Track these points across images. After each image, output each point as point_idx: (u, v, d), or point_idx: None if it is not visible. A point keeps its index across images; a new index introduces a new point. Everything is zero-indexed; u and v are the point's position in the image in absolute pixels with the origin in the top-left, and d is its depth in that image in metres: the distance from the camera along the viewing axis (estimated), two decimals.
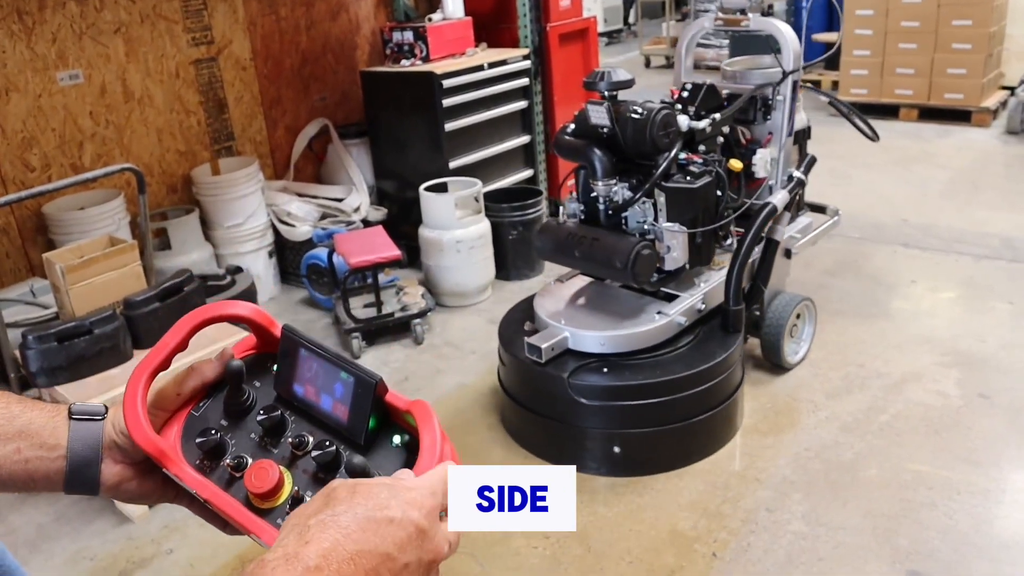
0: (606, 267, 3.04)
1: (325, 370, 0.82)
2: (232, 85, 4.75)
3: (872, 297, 4.29)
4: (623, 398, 2.96)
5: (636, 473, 3.01)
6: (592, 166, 3.02)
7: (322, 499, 0.68)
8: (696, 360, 3.03)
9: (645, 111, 2.91)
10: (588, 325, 3.06)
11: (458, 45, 4.91)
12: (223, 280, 4.07)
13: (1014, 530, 2.66)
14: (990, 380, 3.46)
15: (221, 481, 0.80)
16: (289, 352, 0.85)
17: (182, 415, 0.86)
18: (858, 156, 6.59)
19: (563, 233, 3.14)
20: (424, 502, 0.69)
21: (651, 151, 2.95)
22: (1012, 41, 7.80)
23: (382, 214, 4.91)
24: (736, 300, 3.19)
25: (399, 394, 0.82)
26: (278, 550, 0.63)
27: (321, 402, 0.83)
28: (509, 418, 3.34)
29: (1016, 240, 4.86)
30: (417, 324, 4.09)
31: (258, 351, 0.91)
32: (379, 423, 0.82)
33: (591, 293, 3.33)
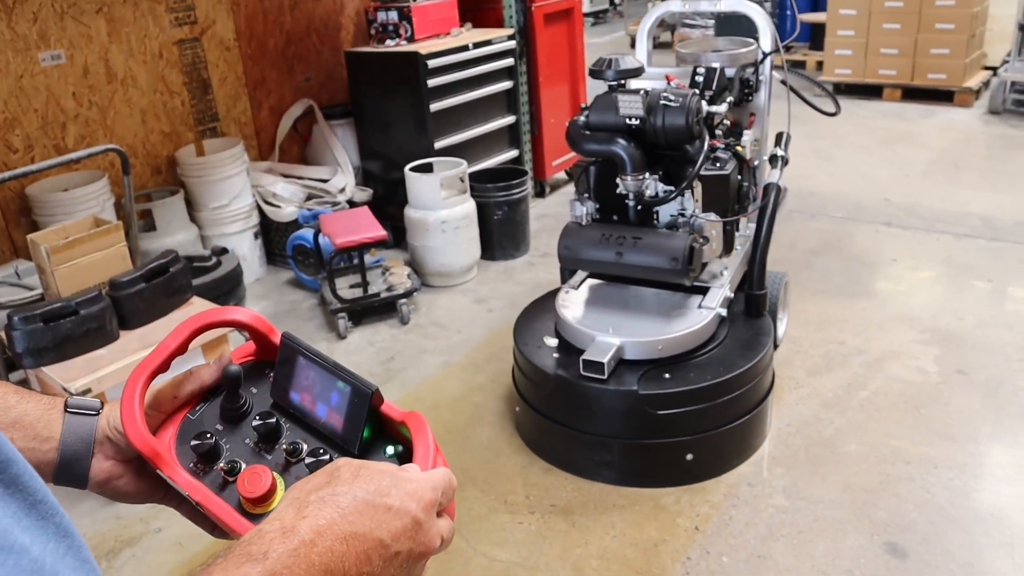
0: (655, 267, 2.83)
1: (322, 379, 0.83)
2: (216, 66, 4.73)
3: (854, 276, 4.34)
4: (696, 402, 2.77)
5: (703, 478, 2.86)
6: (621, 160, 2.80)
7: (325, 476, 0.70)
8: (744, 352, 2.93)
9: (679, 98, 2.74)
10: (639, 331, 2.86)
11: (443, 25, 4.90)
12: (209, 261, 4.08)
13: (989, 503, 2.71)
14: (968, 357, 3.52)
15: (214, 485, 0.81)
16: (287, 359, 0.86)
17: (178, 418, 0.87)
18: (842, 136, 6.64)
19: (595, 235, 2.91)
20: (424, 495, 0.70)
21: (686, 140, 2.80)
22: (995, 21, 7.84)
23: (367, 195, 4.91)
24: (761, 284, 3.16)
25: (394, 405, 0.83)
26: (275, 522, 0.65)
27: (317, 410, 0.84)
28: (540, 439, 3.08)
29: (996, 219, 4.92)
30: (403, 304, 4.11)
31: (256, 358, 0.92)
32: (373, 433, 0.83)
33: (615, 296, 3.15)
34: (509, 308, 4.23)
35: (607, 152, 2.84)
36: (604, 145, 2.83)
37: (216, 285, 3.94)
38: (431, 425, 0.81)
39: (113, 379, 2.96)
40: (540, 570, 2.56)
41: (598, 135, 2.85)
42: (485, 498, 2.87)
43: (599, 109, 2.86)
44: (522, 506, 2.82)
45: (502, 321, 4.10)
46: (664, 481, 2.85)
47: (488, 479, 2.97)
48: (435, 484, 0.73)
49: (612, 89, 2.87)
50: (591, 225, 2.98)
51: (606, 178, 2.98)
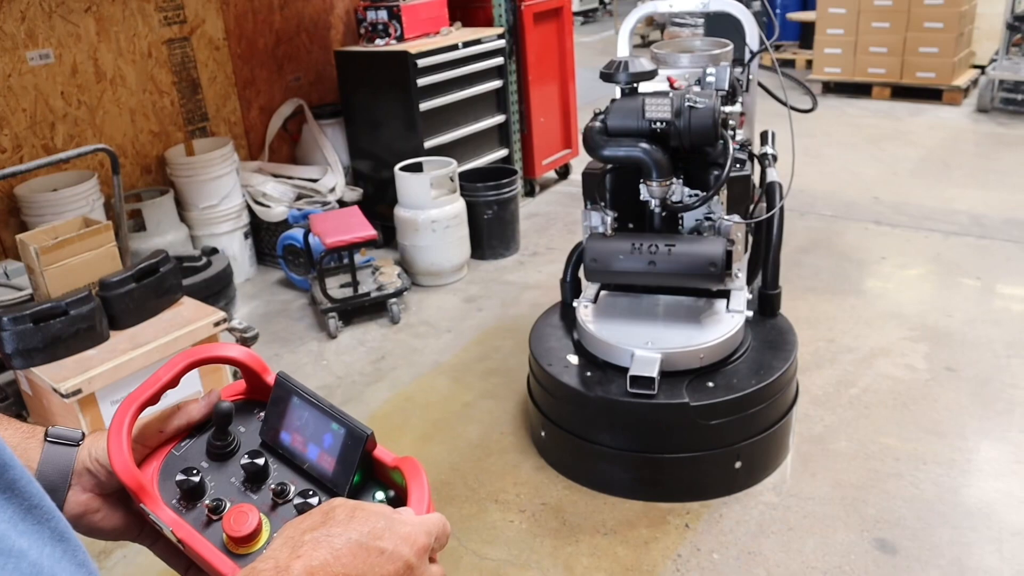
0: (694, 274, 2.74)
1: (316, 420, 0.82)
2: (205, 65, 4.72)
3: (843, 274, 4.36)
4: (745, 408, 2.72)
5: (749, 485, 2.83)
6: (648, 166, 2.71)
7: (320, 516, 0.69)
8: (776, 353, 2.90)
9: (705, 100, 2.65)
10: (677, 341, 2.77)
11: (432, 24, 4.90)
12: (199, 261, 4.07)
13: (977, 498, 2.73)
14: (956, 354, 3.54)
15: (197, 522, 0.79)
16: (281, 399, 0.85)
17: (162, 453, 0.86)
18: (831, 135, 6.66)
19: (624, 246, 2.77)
20: (418, 540, 0.70)
21: (711, 142, 2.71)
22: (983, 20, 7.88)
23: (357, 194, 4.91)
24: (775, 283, 3.13)
25: (387, 450, 0.82)
26: (269, 560, 0.64)
27: (307, 452, 0.82)
28: (576, 464, 2.94)
29: (984, 217, 4.94)
30: (393, 303, 4.11)
31: (246, 397, 0.91)
32: (364, 477, 0.81)
33: (637, 307, 3.02)
34: (499, 308, 4.24)
35: (632, 158, 2.72)
36: (628, 150, 2.71)
37: (206, 285, 3.93)
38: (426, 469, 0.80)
39: (103, 379, 2.95)
40: (531, 568, 2.56)
41: (620, 140, 2.72)
42: (475, 496, 2.87)
43: (619, 113, 2.72)
44: (513, 504, 2.82)
45: (492, 320, 4.10)
46: (713, 492, 2.79)
47: (479, 477, 2.97)
48: (429, 529, 0.72)
49: (625, 92, 2.77)
50: (616, 235, 2.85)
51: (622, 185, 2.90)
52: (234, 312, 4.18)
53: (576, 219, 5.32)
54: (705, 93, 2.68)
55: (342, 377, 3.68)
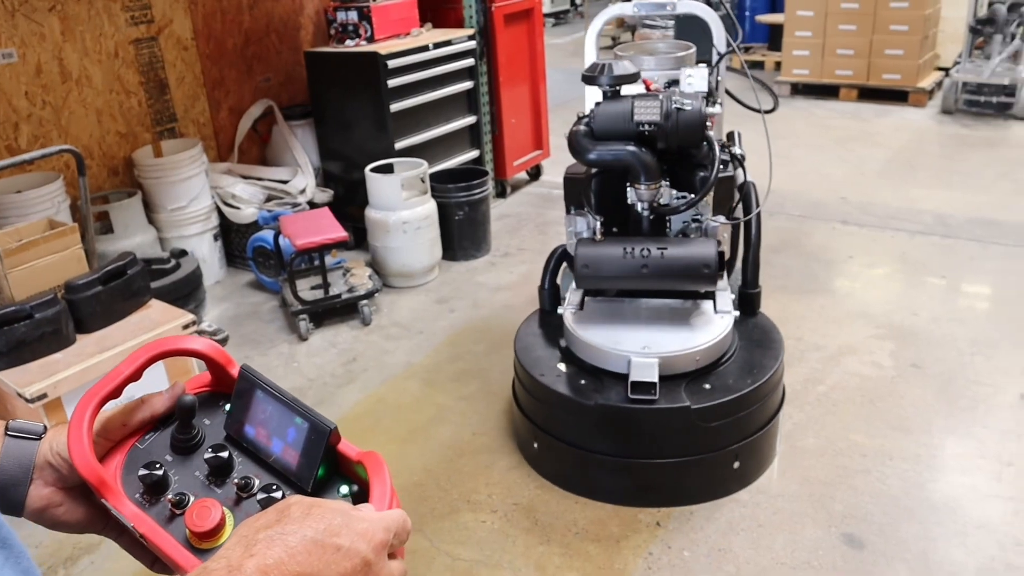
0: (688, 276, 2.72)
1: (280, 414, 0.82)
2: (173, 65, 4.67)
3: (811, 273, 4.41)
4: (743, 408, 2.72)
5: (745, 485, 2.83)
6: (637, 169, 2.69)
7: (275, 513, 0.68)
8: (765, 352, 2.92)
9: (692, 102, 2.64)
10: (672, 345, 2.74)
11: (403, 25, 4.89)
12: (167, 264, 4.03)
13: (942, 493, 2.77)
14: (922, 351, 3.59)
15: (160, 517, 0.78)
16: (245, 392, 0.84)
17: (126, 446, 0.85)
18: (799, 136, 6.74)
19: (615, 251, 2.73)
20: (376, 536, 0.69)
21: (698, 144, 2.72)
22: (947, 23, 8.01)
23: (328, 195, 4.88)
24: (755, 282, 3.15)
25: (351, 444, 0.81)
26: (221, 560, 0.63)
27: (272, 446, 0.82)
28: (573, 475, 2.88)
29: (948, 217, 5.02)
30: (364, 305, 4.09)
31: (212, 389, 0.90)
32: (328, 471, 0.81)
33: (624, 311, 2.98)
34: (471, 309, 4.24)
35: (621, 160, 2.69)
36: (617, 153, 2.68)
37: (175, 288, 3.89)
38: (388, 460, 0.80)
39: (69, 384, 2.91)
40: (503, 568, 2.56)
41: (607, 143, 2.69)
42: (448, 497, 2.87)
43: (606, 116, 2.69)
44: (485, 505, 2.82)
45: (464, 321, 4.10)
46: (713, 494, 2.78)
47: (451, 478, 2.97)
48: (388, 525, 0.71)
49: (608, 95, 2.73)
50: (606, 240, 2.80)
51: (607, 189, 2.87)
52: (204, 314, 4.14)
53: (548, 220, 5.34)
54: (691, 95, 2.68)
55: (313, 379, 3.66)
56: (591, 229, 2.84)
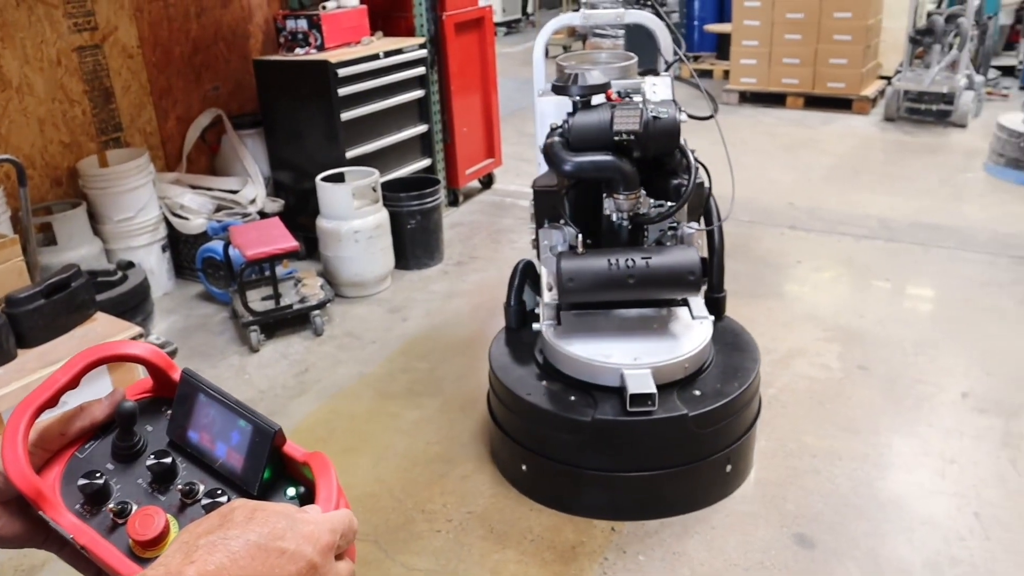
0: (675, 286, 2.72)
1: (223, 417, 0.80)
2: (119, 74, 4.59)
3: (761, 278, 4.47)
4: (734, 411, 2.74)
5: (736, 487, 2.85)
6: (618, 178, 2.67)
7: (218, 518, 0.66)
8: (743, 354, 2.95)
9: (668, 110, 2.63)
10: (659, 354, 2.72)
11: (353, 34, 4.87)
12: (114, 276, 3.95)
13: (890, 490, 2.83)
14: (868, 353, 3.67)
15: (102, 527, 0.76)
16: (187, 396, 0.82)
17: (65, 456, 0.82)
18: (748, 143, 6.85)
19: (600, 263, 2.68)
20: (321, 538, 0.67)
21: (672, 152, 2.71)
22: (888, 33, 8.21)
23: (279, 205, 4.83)
24: (720, 286, 3.17)
25: (297, 445, 0.81)
26: (160, 567, 0.62)
27: (216, 450, 0.80)
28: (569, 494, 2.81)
29: (892, 221, 5.14)
30: (316, 315, 4.05)
31: (153, 394, 0.88)
32: (274, 474, 0.80)
33: (603, 323, 2.94)
34: (424, 317, 4.22)
35: (602, 170, 2.65)
36: (598, 163, 2.64)
37: (122, 300, 3.81)
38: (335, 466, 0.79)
39: (10, 400, 2.83)
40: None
41: (587, 153, 2.65)
42: (402, 507, 2.85)
43: (584, 126, 2.65)
44: (439, 514, 2.81)
45: (417, 330, 4.08)
46: (709, 499, 2.79)
47: (405, 488, 2.95)
48: (334, 526, 0.70)
49: (577, 105, 2.71)
50: (589, 252, 2.74)
51: (580, 200, 2.84)
52: (152, 327, 4.06)
53: (501, 228, 5.34)
54: (665, 103, 2.68)
55: (265, 391, 3.61)
56: (568, 242, 2.80)
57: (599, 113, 2.66)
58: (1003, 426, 3.13)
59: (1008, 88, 8.27)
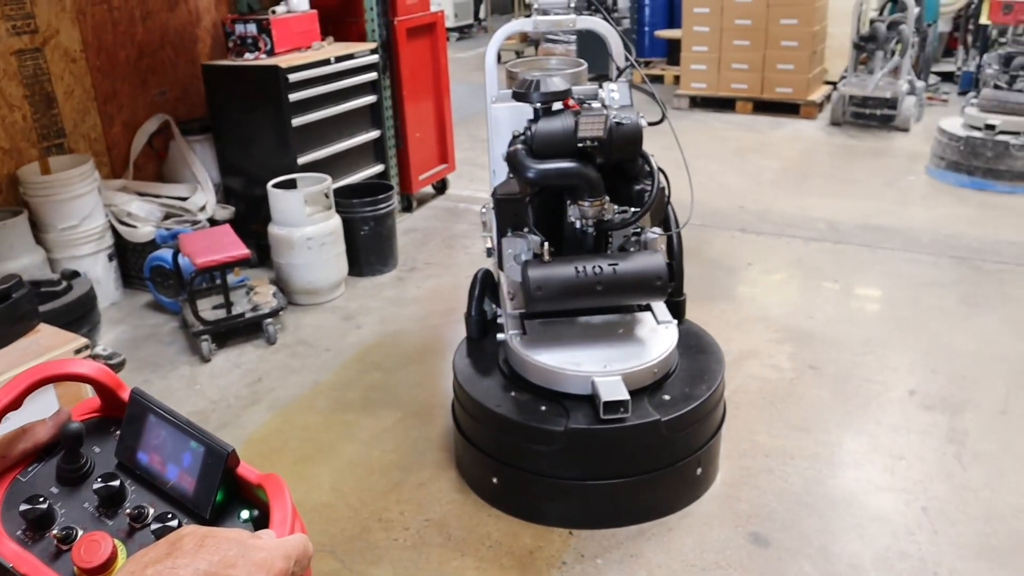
0: (643, 291, 2.71)
1: (174, 438, 0.78)
2: (61, 78, 4.48)
3: (713, 280, 4.53)
4: (702, 415, 2.73)
5: (707, 489, 2.86)
6: (583, 185, 2.67)
7: (166, 546, 0.64)
8: (708, 356, 2.96)
9: (630, 116, 2.62)
10: (628, 360, 2.71)
11: (304, 39, 4.83)
12: (58, 286, 3.84)
13: (841, 488, 2.88)
14: (818, 353, 3.73)
15: (45, 554, 0.74)
16: (136, 417, 0.80)
17: (6, 480, 0.79)
18: (699, 147, 6.93)
19: (567, 270, 2.65)
20: (274, 565, 0.66)
21: (635, 158, 2.70)
22: (833, 39, 8.39)
23: (229, 212, 4.76)
24: (679, 290, 3.16)
25: (251, 467, 0.79)
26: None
27: (166, 472, 0.78)
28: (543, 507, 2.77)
29: (840, 223, 5.25)
30: (269, 324, 4.00)
31: (101, 415, 0.86)
32: (227, 496, 0.78)
33: (568, 331, 2.91)
34: (378, 324, 4.19)
35: (567, 177, 2.64)
36: (562, 170, 2.62)
37: (67, 311, 3.72)
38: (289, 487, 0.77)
39: None
40: None
41: (552, 160, 2.63)
42: (358, 516, 2.82)
43: (547, 133, 2.62)
44: (396, 523, 2.79)
45: (372, 337, 4.05)
46: (680, 503, 2.79)
47: (361, 497, 2.92)
48: (287, 552, 0.68)
49: (538, 112, 2.69)
50: (555, 260, 2.72)
51: (542, 208, 2.82)
52: (98, 338, 3.97)
53: (455, 234, 5.33)
54: (627, 109, 2.67)
55: (217, 401, 3.55)
56: (532, 250, 2.76)
57: (562, 120, 2.64)
58: (948, 422, 3.21)
59: (947, 93, 8.50)
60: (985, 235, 5.01)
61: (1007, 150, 5.72)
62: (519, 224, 2.83)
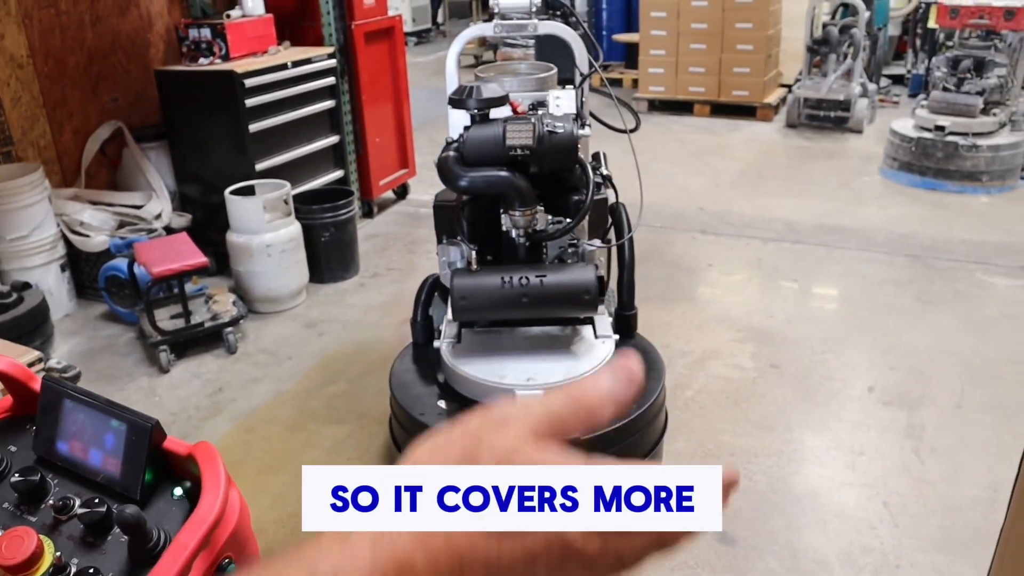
0: (568, 304, 2.63)
1: (93, 420, 0.76)
2: (7, 84, 4.37)
3: (674, 282, 4.56)
4: (627, 436, 2.64)
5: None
6: (512, 195, 2.57)
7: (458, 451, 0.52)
8: (649, 375, 2.82)
9: (564, 124, 2.54)
10: (553, 374, 2.63)
11: (259, 43, 4.77)
12: (8, 298, 3.75)
13: (804, 484, 2.92)
14: (779, 352, 3.77)
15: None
16: (51, 405, 0.77)
17: None
18: (658, 150, 6.98)
19: (493, 281, 2.59)
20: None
21: (571, 167, 2.62)
22: (788, 43, 8.51)
23: (186, 220, 4.68)
24: (631, 303, 3.08)
25: (179, 440, 0.77)
26: None
27: (89, 458, 0.76)
28: None
29: (797, 224, 5.32)
30: (229, 333, 3.94)
31: (14, 412, 0.83)
32: (158, 474, 0.76)
33: (503, 342, 2.85)
34: (341, 331, 4.15)
35: (495, 186, 2.56)
36: (490, 179, 2.54)
37: (18, 323, 3.63)
38: (225, 458, 0.75)
39: None
40: None
41: (480, 169, 2.55)
42: None
43: (477, 141, 2.56)
44: None
45: (335, 345, 4.01)
46: None
47: None
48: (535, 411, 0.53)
49: (475, 119, 2.62)
50: (482, 269, 2.67)
51: (479, 216, 2.74)
52: (52, 351, 3.87)
53: (417, 239, 5.30)
54: (562, 118, 2.59)
55: (176, 413, 3.48)
56: (465, 259, 2.73)
57: (494, 127, 2.57)
58: (906, 418, 3.26)
59: (898, 96, 8.67)
60: (938, 234, 5.12)
61: (956, 150, 5.85)
62: (455, 231, 2.78)
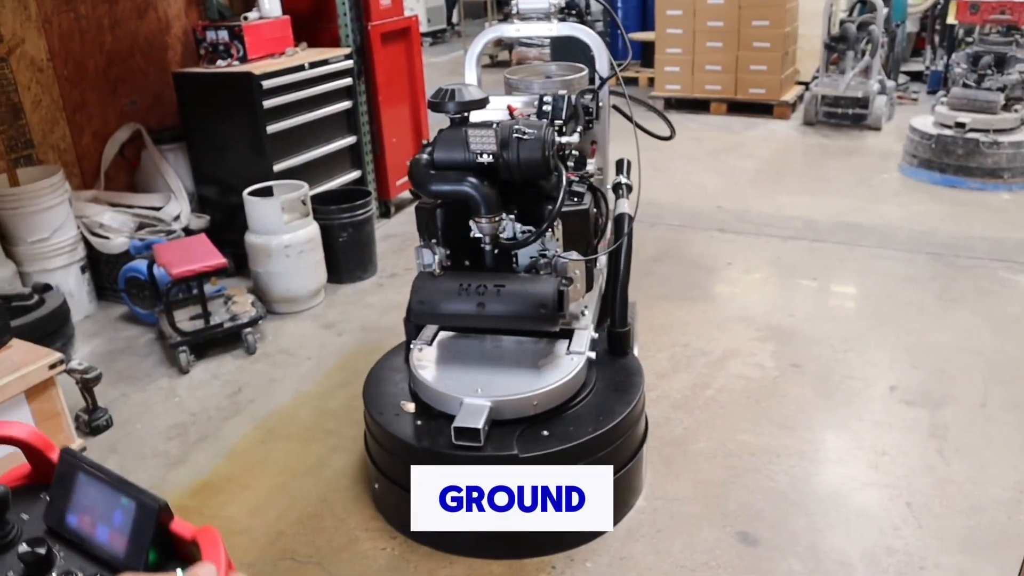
0: (523, 316, 2.54)
1: (104, 496, 0.76)
2: (28, 88, 4.40)
3: (693, 280, 4.54)
4: (579, 458, 2.53)
5: (587, 539, 2.65)
6: (475, 202, 2.51)
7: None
8: (620, 396, 2.75)
9: (534, 130, 2.48)
10: (510, 387, 2.57)
11: (277, 45, 4.78)
12: (29, 300, 3.77)
13: (826, 484, 2.89)
14: (800, 350, 3.75)
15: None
16: (66, 477, 0.77)
17: None
18: (675, 149, 6.91)
19: (452, 286, 2.58)
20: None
21: (543, 175, 2.55)
22: (804, 40, 8.46)
23: (204, 221, 4.70)
24: (624, 321, 2.96)
25: (185, 522, 0.76)
26: None
27: (97, 533, 0.76)
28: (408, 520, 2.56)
29: (816, 222, 5.28)
30: (248, 333, 3.95)
31: (31, 480, 0.83)
32: (161, 555, 0.75)
33: (475, 349, 2.84)
34: (359, 331, 4.16)
35: (458, 193, 2.52)
36: (454, 186, 2.51)
37: (39, 325, 3.65)
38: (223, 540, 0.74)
39: None
40: None
41: (446, 174, 2.54)
42: (345, 527, 2.79)
43: (445, 145, 2.55)
44: (383, 532, 2.75)
45: (353, 345, 4.01)
46: (562, 543, 2.61)
47: (347, 507, 2.88)
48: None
49: (455, 123, 2.60)
50: (445, 274, 2.65)
51: (455, 221, 2.69)
52: (73, 352, 3.90)
53: None
54: (535, 123, 2.54)
55: (196, 414, 3.50)
56: (440, 262, 2.67)
57: (459, 132, 2.55)
58: (929, 417, 3.23)
59: (917, 92, 8.60)
60: (958, 231, 5.07)
61: (977, 147, 5.79)
62: (432, 234, 2.76)
